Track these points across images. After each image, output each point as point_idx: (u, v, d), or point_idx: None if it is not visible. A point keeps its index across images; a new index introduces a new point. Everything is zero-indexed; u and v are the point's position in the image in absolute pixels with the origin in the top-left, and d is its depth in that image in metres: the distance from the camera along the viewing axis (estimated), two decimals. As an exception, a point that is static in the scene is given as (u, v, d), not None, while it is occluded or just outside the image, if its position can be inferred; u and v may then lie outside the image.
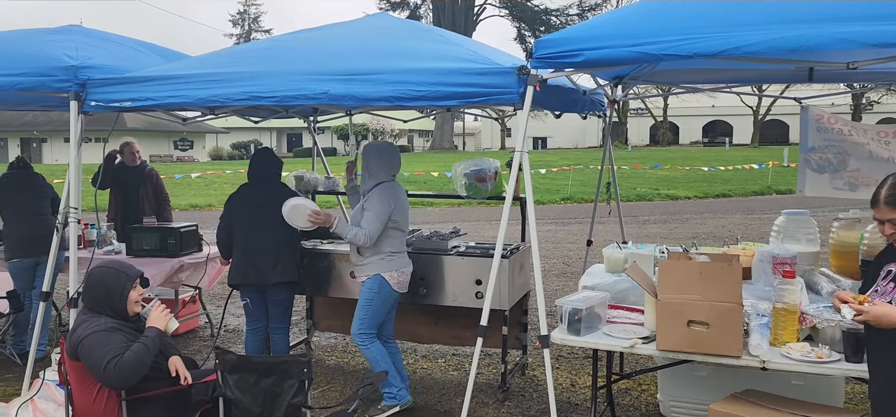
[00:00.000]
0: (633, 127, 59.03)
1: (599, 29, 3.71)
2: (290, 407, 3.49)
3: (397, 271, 4.79)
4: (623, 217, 6.83)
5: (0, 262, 6.23)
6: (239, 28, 70.69)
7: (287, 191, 5.17)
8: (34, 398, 4.25)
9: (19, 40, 5.16)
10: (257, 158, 5.20)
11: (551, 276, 9.40)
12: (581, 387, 5.43)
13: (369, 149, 4.89)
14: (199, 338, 6.87)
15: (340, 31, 4.96)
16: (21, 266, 5.99)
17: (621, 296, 4.29)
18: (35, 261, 5.98)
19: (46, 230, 5.79)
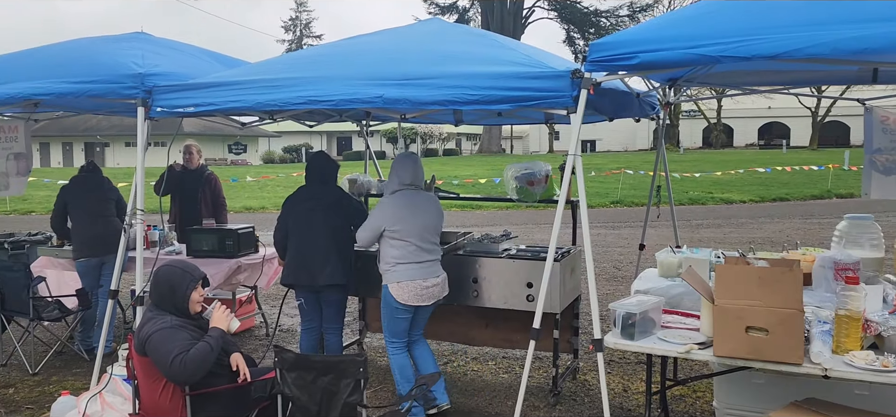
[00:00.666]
0: (685, 129, 57.90)
1: (655, 31, 3.68)
2: (346, 406, 3.56)
3: (398, 283, 4.63)
4: (676, 221, 6.74)
5: (68, 261, 6.52)
6: (291, 34, 72.05)
7: (341, 194, 5.26)
8: (102, 392, 4.42)
9: (89, 48, 5.38)
10: (313, 161, 5.29)
11: (602, 280, 9.32)
12: (634, 393, 5.38)
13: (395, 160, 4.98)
14: (255, 337, 7.04)
15: (395, 36, 5.03)
16: (88, 265, 6.24)
17: (676, 301, 4.23)
18: (100, 261, 6.22)
19: (111, 231, 6.05)
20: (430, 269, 4.73)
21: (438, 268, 4.81)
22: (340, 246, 5.08)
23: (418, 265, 4.67)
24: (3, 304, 5.95)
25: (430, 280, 4.72)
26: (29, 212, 19.04)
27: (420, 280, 4.67)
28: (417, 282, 4.66)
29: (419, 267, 4.67)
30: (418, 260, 4.67)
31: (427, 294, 4.71)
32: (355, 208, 5.22)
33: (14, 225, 15.43)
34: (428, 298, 4.72)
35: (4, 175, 6.77)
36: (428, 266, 4.72)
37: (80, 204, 6.31)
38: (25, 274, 5.90)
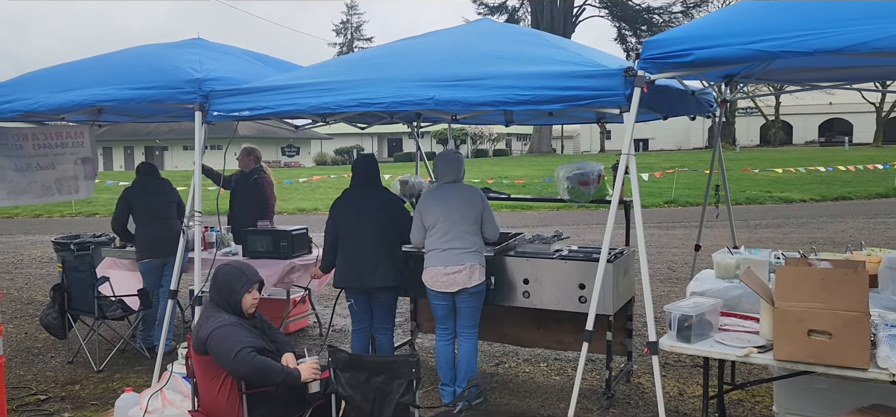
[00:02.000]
0: (741, 127, 56.49)
1: (711, 27, 3.60)
2: (398, 406, 3.58)
3: (426, 269, 4.95)
4: (733, 221, 6.57)
5: (131, 262, 6.74)
6: (342, 37, 72.96)
7: (388, 195, 5.31)
8: (163, 389, 4.55)
9: (149, 55, 5.55)
10: (359, 163, 5.36)
11: (656, 281, 9.15)
12: (690, 397, 5.27)
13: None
14: (308, 337, 7.15)
15: (445, 37, 5.04)
16: (151, 266, 6.44)
17: (733, 303, 4.14)
18: (162, 262, 6.41)
19: (173, 232, 6.22)
20: (454, 257, 4.85)
21: (465, 257, 4.85)
22: (390, 247, 5.14)
23: (442, 252, 4.87)
24: (70, 303, 6.19)
25: (452, 267, 4.83)
26: (93, 214, 19.76)
27: (441, 266, 4.85)
28: (438, 268, 4.86)
29: (443, 254, 4.87)
30: (443, 247, 4.86)
31: (449, 281, 4.85)
32: (400, 208, 5.26)
33: (79, 227, 16.05)
34: (450, 285, 4.85)
35: (74, 178, 7.04)
36: (453, 253, 4.85)
37: (143, 206, 6.50)
38: (91, 275, 6.12)
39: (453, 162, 5.06)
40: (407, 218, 5.13)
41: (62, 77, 5.50)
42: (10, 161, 6.38)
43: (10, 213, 20.07)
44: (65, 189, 6.95)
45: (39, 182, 6.68)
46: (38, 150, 6.70)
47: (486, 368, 6.01)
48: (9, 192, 6.39)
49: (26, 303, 8.84)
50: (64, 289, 6.17)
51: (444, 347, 5.06)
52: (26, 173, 6.54)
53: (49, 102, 5.26)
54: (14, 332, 7.37)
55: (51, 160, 6.80)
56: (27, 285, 10.07)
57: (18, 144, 6.53)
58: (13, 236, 16.11)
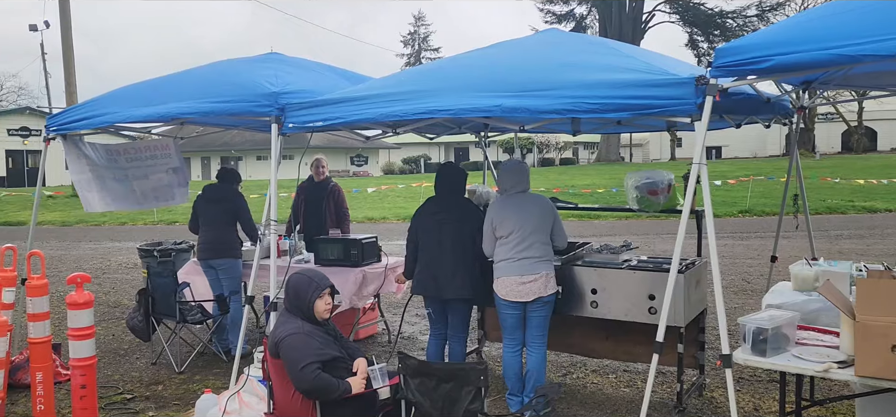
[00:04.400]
0: (821, 133, 54.17)
1: (787, 32, 3.51)
2: (467, 413, 3.61)
3: (498, 279, 4.94)
4: (812, 231, 6.34)
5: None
6: (409, 48, 73.83)
7: (469, 205, 5.36)
8: (240, 391, 4.72)
9: (228, 70, 5.79)
10: (442, 172, 5.39)
11: (729, 293, 8.90)
12: (765, 412, 5.11)
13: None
14: (377, 344, 7.27)
15: (512, 47, 5.07)
16: (205, 266, 6.78)
17: (812, 317, 4.00)
18: (208, 264, 6.74)
19: (220, 237, 6.62)
20: (530, 266, 4.85)
21: (539, 267, 4.86)
22: (467, 258, 5.18)
23: (516, 262, 4.87)
24: (154, 307, 6.49)
25: (527, 276, 4.84)
26: (173, 222, 20.61)
27: (516, 276, 4.85)
28: (513, 278, 4.86)
29: (518, 264, 4.86)
30: (517, 257, 4.86)
31: (524, 290, 4.85)
32: (480, 219, 5.30)
33: (160, 234, 16.79)
34: (525, 295, 4.85)
35: (168, 187, 7.44)
36: (528, 263, 4.85)
37: (203, 212, 6.86)
38: (173, 280, 6.41)
39: (520, 172, 5.08)
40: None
41: (147, 92, 5.80)
42: (108, 171, 6.78)
43: (98, 221, 21.14)
44: (162, 197, 7.36)
45: (137, 190, 7.08)
46: (131, 163, 7.10)
47: (554, 378, 5.99)
48: (113, 198, 6.79)
49: (113, 307, 9.31)
50: (148, 294, 6.48)
51: (511, 357, 5.07)
52: (124, 183, 6.95)
53: (136, 115, 5.57)
54: (102, 334, 7.78)
55: (144, 171, 7.20)
56: (114, 289, 10.61)
57: (113, 158, 6.93)
58: (101, 243, 16.98)
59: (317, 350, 3.82)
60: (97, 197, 6.58)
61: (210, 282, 6.80)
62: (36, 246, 5.72)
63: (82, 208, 6.66)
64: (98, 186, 6.59)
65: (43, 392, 4.77)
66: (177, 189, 7.52)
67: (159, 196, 7.34)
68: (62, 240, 17.58)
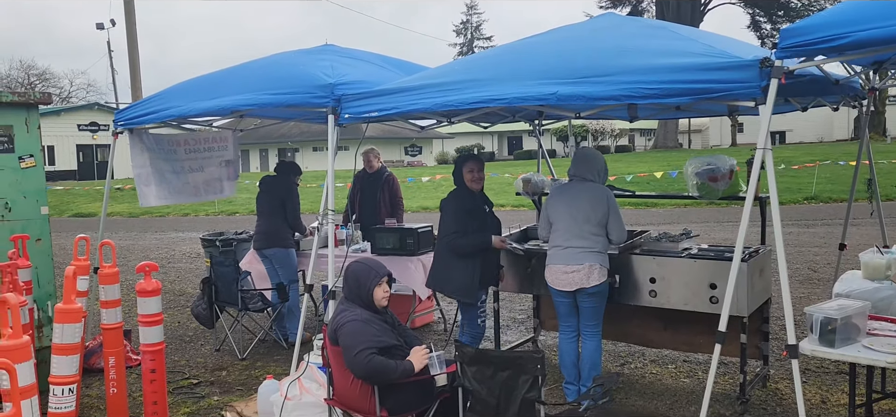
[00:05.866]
0: (892, 116, 51.79)
1: (857, 10, 3.35)
2: (524, 401, 3.61)
3: (547, 267, 4.96)
4: (885, 218, 6.08)
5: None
6: (462, 37, 73.71)
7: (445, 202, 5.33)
8: (300, 378, 4.81)
9: (285, 62, 5.89)
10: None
11: (795, 282, 8.63)
12: (833, 405, 4.94)
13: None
14: (433, 332, 7.32)
15: (567, 33, 5.00)
16: (261, 255, 6.95)
17: (883, 306, 3.86)
18: (262, 253, 6.90)
19: (270, 227, 6.83)
20: (574, 256, 4.82)
21: (585, 257, 4.80)
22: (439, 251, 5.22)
23: (563, 250, 4.86)
24: (217, 296, 6.69)
25: (572, 266, 4.81)
26: (234, 213, 21.15)
27: (561, 264, 4.85)
28: (558, 267, 4.87)
29: (563, 252, 4.86)
30: (564, 245, 4.85)
31: (567, 280, 4.84)
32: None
33: (222, 225, 17.26)
34: (569, 284, 4.84)
35: (219, 180, 7.65)
36: (573, 252, 4.83)
37: (259, 202, 7.07)
38: (234, 269, 6.58)
39: (586, 160, 5.03)
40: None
41: (208, 86, 5.96)
42: (167, 164, 7.03)
43: (162, 213, 21.87)
44: (211, 190, 7.57)
45: (191, 183, 7.32)
46: (189, 155, 7.31)
47: (611, 368, 5.92)
48: (169, 192, 7.05)
49: (178, 295, 9.63)
50: (211, 283, 6.67)
51: (567, 344, 5.04)
52: (181, 176, 7.18)
53: (198, 108, 5.73)
54: (169, 321, 8.06)
55: (200, 163, 7.41)
56: (179, 278, 10.96)
57: (173, 149, 7.16)
58: (166, 233, 17.56)
59: (374, 336, 3.87)
60: (154, 190, 6.83)
61: (267, 271, 6.97)
62: (106, 236, 5.96)
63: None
64: (156, 180, 6.84)
65: (115, 375, 4.97)
66: (226, 182, 7.77)
67: (210, 188, 7.58)
68: (129, 231, 18.25)
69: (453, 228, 5.11)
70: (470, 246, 5.09)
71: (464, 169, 5.23)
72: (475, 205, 5.22)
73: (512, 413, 3.66)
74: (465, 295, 5.17)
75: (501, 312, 7.53)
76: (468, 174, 5.21)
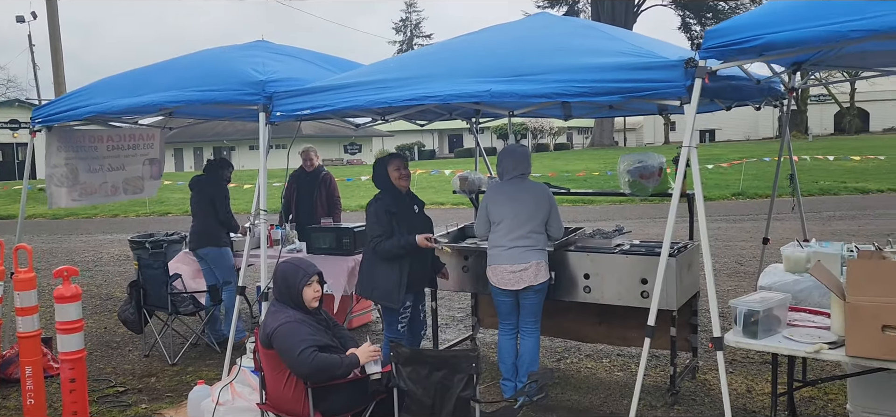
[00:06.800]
0: (814, 115, 54.29)
1: (774, 13, 3.46)
2: (459, 400, 3.61)
3: (490, 267, 4.94)
4: (805, 212, 6.34)
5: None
6: (401, 35, 73.57)
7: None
8: (233, 382, 4.70)
9: (215, 58, 5.72)
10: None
11: (722, 276, 8.92)
12: (758, 394, 5.12)
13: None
14: (371, 332, 7.26)
15: (502, 32, 5.02)
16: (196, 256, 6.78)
17: (803, 298, 4.01)
18: (196, 254, 6.76)
19: (200, 227, 6.69)
20: (520, 255, 4.83)
21: (530, 255, 4.84)
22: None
23: (509, 250, 4.85)
24: (146, 299, 6.47)
25: (519, 265, 4.82)
26: (166, 214, 20.54)
27: (507, 264, 4.85)
28: (504, 267, 4.86)
29: (509, 252, 4.85)
30: (509, 245, 4.85)
31: (515, 279, 4.84)
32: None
33: (153, 226, 16.71)
34: (516, 283, 4.84)
35: (140, 178, 7.41)
36: (519, 251, 4.83)
37: (191, 203, 6.94)
38: (164, 272, 6.38)
39: (519, 156, 5.05)
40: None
41: (134, 81, 5.73)
42: (84, 163, 6.76)
43: (90, 214, 21.05)
44: (131, 189, 7.34)
45: (109, 182, 7.09)
46: (112, 152, 7.06)
47: (548, 364, 5.99)
48: (81, 193, 6.79)
49: (105, 299, 9.28)
50: (140, 286, 6.45)
51: (506, 342, 5.07)
52: (98, 174, 6.94)
53: (121, 105, 5.49)
54: (94, 327, 7.75)
55: (122, 161, 7.18)
56: (106, 282, 10.57)
57: (93, 146, 6.89)
58: (93, 235, 16.91)
59: (310, 336, 3.80)
60: (65, 192, 6.59)
61: (203, 272, 6.79)
62: (26, 239, 5.69)
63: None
64: (69, 181, 6.60)
65: (32, 386, 4.75)
66: (148, 181, 7.56)
67: (129, 188, 7.35)
68: (53, 233, 17.49)
69: (377, 231, 4.97)
70: (395, 249, 4.95)
71: (390, 168, 5.10)
72: (402, 205, 5.11)
73: (447, 411, 3.66)
74: (388, 300, 5.02)
75: (440, 311, 7.54)
76: (395, 172, 5.10)
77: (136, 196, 7.59)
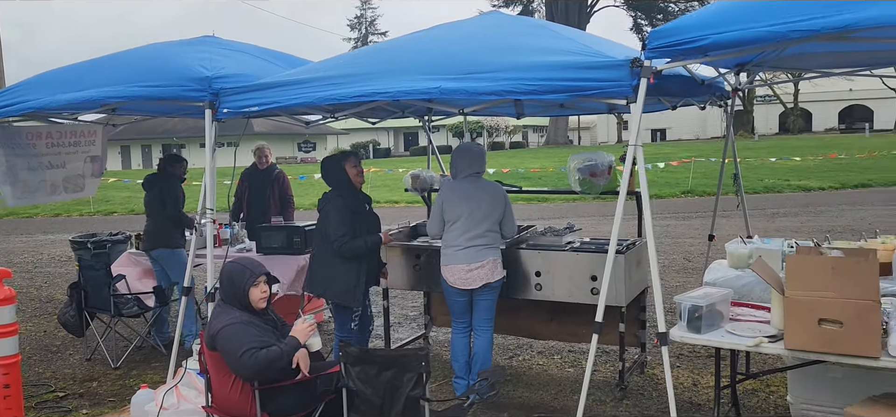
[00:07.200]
0: (760, 115, 55.88)
1: (718, 13, 3.54)
2: (409, 399, 3.59)
3: (445, 266, 4.90)
4: (750, 210, 6.52)
5: (146, 258, 6.83)
6: (357, 32, 72.99)
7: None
8: (178, 385, 4.59)
9: (160, 53, 5.59)
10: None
11: (671, 272, 9.09)
12: (703, 387, 5.23)
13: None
14: (324, 332, 7.16)
15: (454, 30, 5.02)
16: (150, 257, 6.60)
17: (746, 293, 4.10)
18: (150, 257, 6.61)
19: (153, 228, 6.53)
20: (477, 254, 4.83)
21: (486, 253, 4.85)
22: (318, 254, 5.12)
23: (463, 250, 4.84)
24: (87, 301, 6.26)
25: (476, 263, 4.82)
26: (111, 213, 19.98)
27: (463, 264, 4.83)
28: (461, 266, 4.84)
29: (465, 252, 4.84)
30: (464, 244, 4.84)
31: (471, 277, 4.84)
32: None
33: (97, 226, 16.22)
34: (472, 282, 4.84)
35: (81, 176, 7.18)
36: (475, 250, 4.83)
37: (144, 202, 6.74)
38: (107, 273, 6.19)
39: (475, 155, 5.04)
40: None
41: (74, 76, 5.55)
42: (23, 160, 6.52)
43: (30, 213, 20.33)
44: (71, 187, 7.10)
45: (49, 181, 6.84)
46: (51, 149, 6.82)
47: (501, 361, 6.02)
48: (23, 192, 6.55)
49: (45, 301, 8.96)
50: (81, 287, 6.25)
51: (460, 341, 5.06)
52: (38, 172, 6.69)
53: (60, 100, 5.31)
54: (33, 330, 7.49)
55: (62, 159, 6.94)
56: (46, 284, 10.21)
57: (32, 144, 6.64)
58: (33, 235, 16.33)
59: (255, 337, 3.73)
60: (9, 190, 6.39)
61: (157, 274, 6.61)
62: (-42, 240, 5.45)
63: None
64: (10, 179, 6.36)
65: (-35, 393, 4.55)
66: (89, 179, 7.32)
67: (70, 186, 7.11)
68: (-7, 234, 16.85)
69: (342, 231, 4.90)
70: (362, 248, 4.93)
71: (348, 165, 5.08)
72: (360, 203, 5.11)
73: (397, 411, 3.63)
74: (348, 299, 5.00)
75: (393, 310, 7.51)
76: (353, 169, 5.08)
77: (76, 195, 7.35)
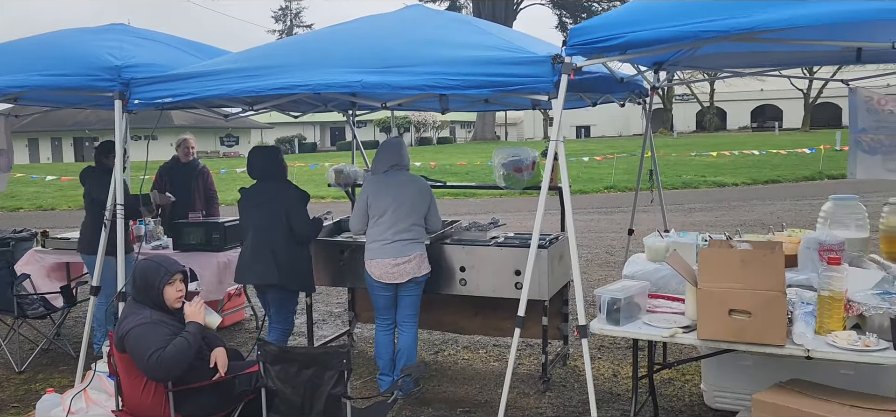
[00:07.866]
0: (678, 113, 57.91)
1: (635, 13, 3.62)
2: (330, 397, 3.52)
3: (371, 260, 4.88)
4: (668, 205, 6.72)
5: (54, 258, 6.48)
6: (281, 24, 71.57)
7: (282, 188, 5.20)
8: (87, 389, 4.38)
9: (65, 40, 5.29)
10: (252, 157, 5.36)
11: (594, 266, 9.29)
12: (623, 377, 5.37)
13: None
14: (244, 331, 7.00)
15: (376, 23, 4.96)
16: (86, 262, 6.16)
17: (662, 285, 4.21)
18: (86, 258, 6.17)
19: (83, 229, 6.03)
20: (403, 248, 4.83)
21: (413, 248, 4.85)
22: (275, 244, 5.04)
23: (389, 244, 4.83)
24: (-13, 302, 5.89)
25: (402, 258, 4.82)
26: (17, 209, 18.93)
27: (390, 258, 4.82)
28: (387, 260, 4.82)
29: (391, 245, 4.83)
30: (390, 239, 4.82)
31: (398, 272, 4.83)
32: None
33: (3, 223, 15.34)
34: (399, 276, 4.84)
35: None
36: (400, 245, 4.83)
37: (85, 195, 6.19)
38: (9, 272, 5.85)
39: (397, 150, 5.03)
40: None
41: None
42: None
43: (-71, 209, 19.06)
44: None
45: None
46: None
47: (426, 357, 6.01)
48: None
49: (-57, 304, 8.39)
50: (-20, 288, 5.87)
51: (384, 337, 5.04)
52: None
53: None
54: (-72, 334, 6.99)
55: None
56: (-55, 284, 9.57)
57: None
58: (-69, 233, 15.31)
59: (165, 338, 3.58)
60: None
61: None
62: None
63: None
64: None
65: None
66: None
67: None
68: None
69: (307, 218, 5.06)
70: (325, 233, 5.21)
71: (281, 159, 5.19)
72: None
73: (317, 410, 3.56)
74: (308, 286, 5.30)
75: (316, 307, 7.39)
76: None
77: None
